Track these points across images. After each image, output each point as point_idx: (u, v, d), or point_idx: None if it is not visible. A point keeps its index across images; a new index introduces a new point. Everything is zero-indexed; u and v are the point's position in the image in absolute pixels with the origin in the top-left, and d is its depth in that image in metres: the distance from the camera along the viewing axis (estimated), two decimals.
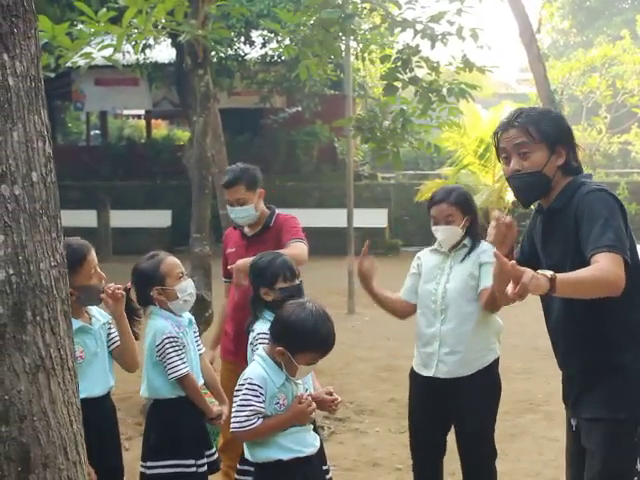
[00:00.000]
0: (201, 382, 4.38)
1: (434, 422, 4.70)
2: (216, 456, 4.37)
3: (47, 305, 2.37)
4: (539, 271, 3.12)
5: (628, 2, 38.05)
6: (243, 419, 3.55)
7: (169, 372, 4.13)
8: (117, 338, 4.13)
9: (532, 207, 3.83)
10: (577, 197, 3.41)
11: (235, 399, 3.64)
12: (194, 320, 4.52)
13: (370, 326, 10.78)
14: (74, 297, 3.82)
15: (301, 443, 3.67)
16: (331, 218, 16.13)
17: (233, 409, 3.62)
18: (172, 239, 18.52)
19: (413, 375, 4.79)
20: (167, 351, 4.11)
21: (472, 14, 8.15)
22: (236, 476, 4.23)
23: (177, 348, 4.14)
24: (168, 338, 4.13)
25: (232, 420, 3.61)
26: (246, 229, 5.34)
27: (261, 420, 3.56)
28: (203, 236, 7.58)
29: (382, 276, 4.93)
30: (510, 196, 18.00)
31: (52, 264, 2.40)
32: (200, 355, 4.46)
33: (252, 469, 3.85)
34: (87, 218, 17.75)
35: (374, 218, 18.83)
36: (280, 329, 3.65)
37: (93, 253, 3.98)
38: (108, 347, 4.12)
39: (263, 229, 5.27)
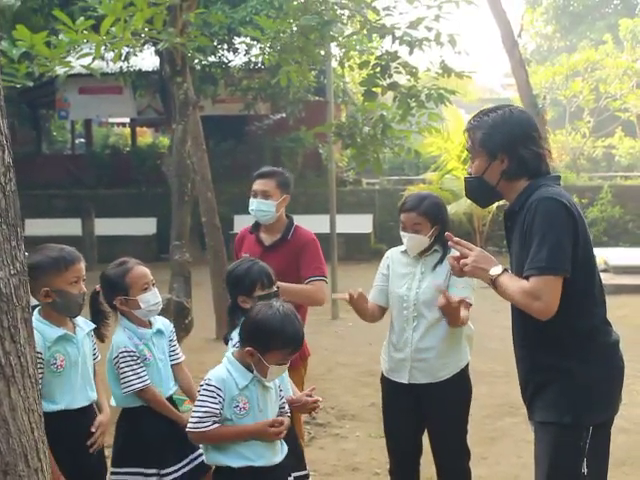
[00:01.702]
0: (172, 390, 4.38)
1: (408, 425, 4.73)
2: (202, 459, 4.24)
3: (7, 313, 2.37)
4: (491, 270, 3.42)
5: (611, 7, 38.22)
6: (196, 420, 3.53)
7: (122, 386, 4.17)
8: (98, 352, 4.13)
9: None
10: (530, 201, 3.42)
11: None
12: (172, 328, 4.52)
13: (353, 331, 10.78)
14: (50, 299, 3.83)
15: (258, 454, 3.61)
16: (316, 224, 16.04)
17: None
18: (157, 247, 18.53)
19: (384, 380, 4.81)
20: (120, 366, 4.15)
21: (450, 20, 8.19)
22: None
23: (131, 363, 4.16)
24: (122, 353, 4.16)
25: (188, 420, 3.60)
26: (263, 235, 5.32)
27: (216, 424, 3.53)
28: (183, 243, 7.58)
29: (367, 282, 4.95)
30: None
31: (11, 272, 2.40)
32: (177, 364, 4.47)
33: None
34: (72, 226, 17.75)
35: (359, 223, 18.88)
36: (248, 329, 3.63)
37: (82, 265, 3.96)
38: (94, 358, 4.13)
39: (281, 240, 5.27)
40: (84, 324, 4.11)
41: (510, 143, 3.48)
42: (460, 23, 10.14)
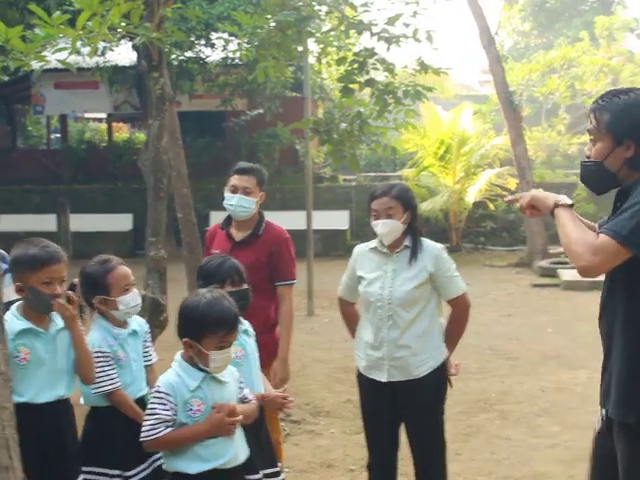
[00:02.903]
0: (144, 391, 4.35)
1: (386, 421, 4.75)
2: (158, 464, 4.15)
3: None
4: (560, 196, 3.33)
5: (587, 4, 38.36)
6: (148, 428, 3.46)
7: (92, 387, 4.12)
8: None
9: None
10: None
11: None
12: (147, 329, 4.49)
13: (329, 328, 10.80)
14: (23, 294, 3.81)
15: (218, 454, 3.53)
16: (292, 220, 16.08)
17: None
18: (133, 243, 18.44)
19: (361, 377, 4.82)
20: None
21: (428, 17, 8.21)
22: None
23: (103, 364, 4.12)
24: (96, 353, 4.11)
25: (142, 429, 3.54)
26: (233, 231, 5.33)
27: (168, 429, 3.45)
28: (158, 239, 7.52)
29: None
30: (470, 197, 18.15)
31: None
32: (149, 365, 4.43)
33: None
34: (47, 222, 17.60)
35: (335, 220, 18.87)
36: (179, 321, 3.59)
37: (60, 266, 3.88)
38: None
39: (252, 236, 5.28)
40: (62, 321, 4.03)
41: None
42: (438, 20, 10.17)
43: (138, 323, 4.43)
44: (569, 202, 3.30)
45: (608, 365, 3.40)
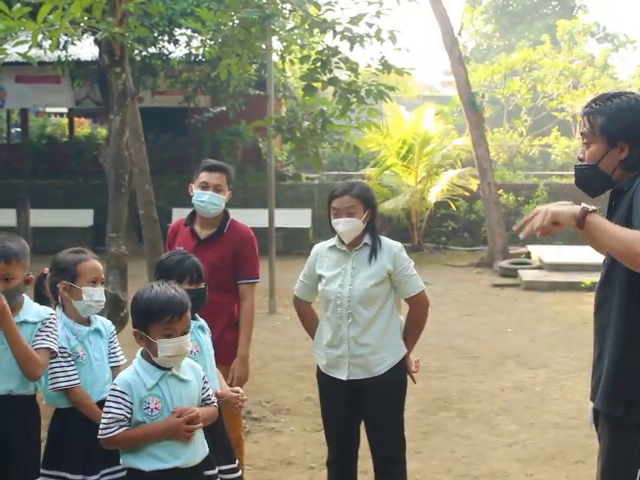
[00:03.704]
0: (106, 394, 4.28)
1: (346, 418, 4.76)
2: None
3: None
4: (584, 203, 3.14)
5: (549, 8, 38.76)
6: (103, 427, 3.44)
7: (49, 383, 4.06)
8: (38, 345, 3.90)
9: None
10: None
11: None
12: (113, 330, 4.40)
13: (290, 326, 10.77)
14: None
15: (174, 454, 3.48)
16: (255, 218, 16.05)
17: None
18: (94, 239, 18.28)
19: (321, 375, 4.82)
20: (50, 362, 3.99)
21: (391, 17, 8.23)
22: None
23: (61, 360, 4.04)
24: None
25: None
26: (197, 228, 5.30)
27: (123, 429, 3.42)
28: (119, 236, 7.50)
29: None
30: (432, 197, 18.24)
31: None
32: (116, 367, 4.30)
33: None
34: (6, 217, 17.42)
35: (298, 218, 18.87)
36: (131, 313, 3.59)
37: (9, 265, 3.80)
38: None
39: (217, 234, 5.26)
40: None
41: (634, 131, 3.28)
42: (401, 20, 10.21)
43: (103, 323, 4.35)
44: (595, 207, 3.18)
45: (600, 361, 3.43)
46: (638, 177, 3.26)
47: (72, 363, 4.10)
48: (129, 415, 3.44)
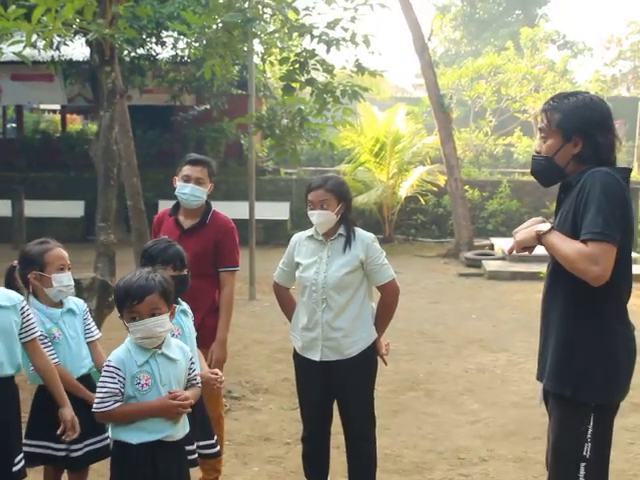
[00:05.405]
0: (87, 368, 4.31)
1: (320, 396, 4.78)
2: (107, 442, 4.02)
3: None
4: (538, 226, 3.36)
5: (513, 16, 38.87)
6: (98, 401, 3.45)
7: (31, 366, 4.06)
8: (32, 332, 3.91)
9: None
10: (587, 174, 3.31)
11: None
12: (85, 307, 4.43)
13: (269, 311, 10.77)
14: None
15: (160, 429, 3.50)
16: (236, 210, 16.02)
17: None
18: (85, 229, 18.23)
19: (297, 356, 4.83)
20: None
21: (365, 22, 8.23)
22: None
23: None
24: None
25: (94, 401, 3.51)
26: (181, 218, 5.28)
27: (118, 403, 3.43)
28: (108, 225, 7.48)
29: None
30: (403, 192, 18.27)
31: None
32: (92, 341, 4.38)
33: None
34: (2, 208, 17.33)
35: (277, 210, 18.87)
36: None
37: None
38: (20, 338, 3.88)
39: (199, 224, 5.24)
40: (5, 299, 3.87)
41: (587, 127, 3.36)
42: (374, 25, 10.21)
43: (75, 303, 4.40)
44: (547, 227, 3.36)
45: (546, 343, 3.48)
46: (585, 172, 3.32)
47: (49, 344, 4.14)
48: (123, 390, 3.46)
